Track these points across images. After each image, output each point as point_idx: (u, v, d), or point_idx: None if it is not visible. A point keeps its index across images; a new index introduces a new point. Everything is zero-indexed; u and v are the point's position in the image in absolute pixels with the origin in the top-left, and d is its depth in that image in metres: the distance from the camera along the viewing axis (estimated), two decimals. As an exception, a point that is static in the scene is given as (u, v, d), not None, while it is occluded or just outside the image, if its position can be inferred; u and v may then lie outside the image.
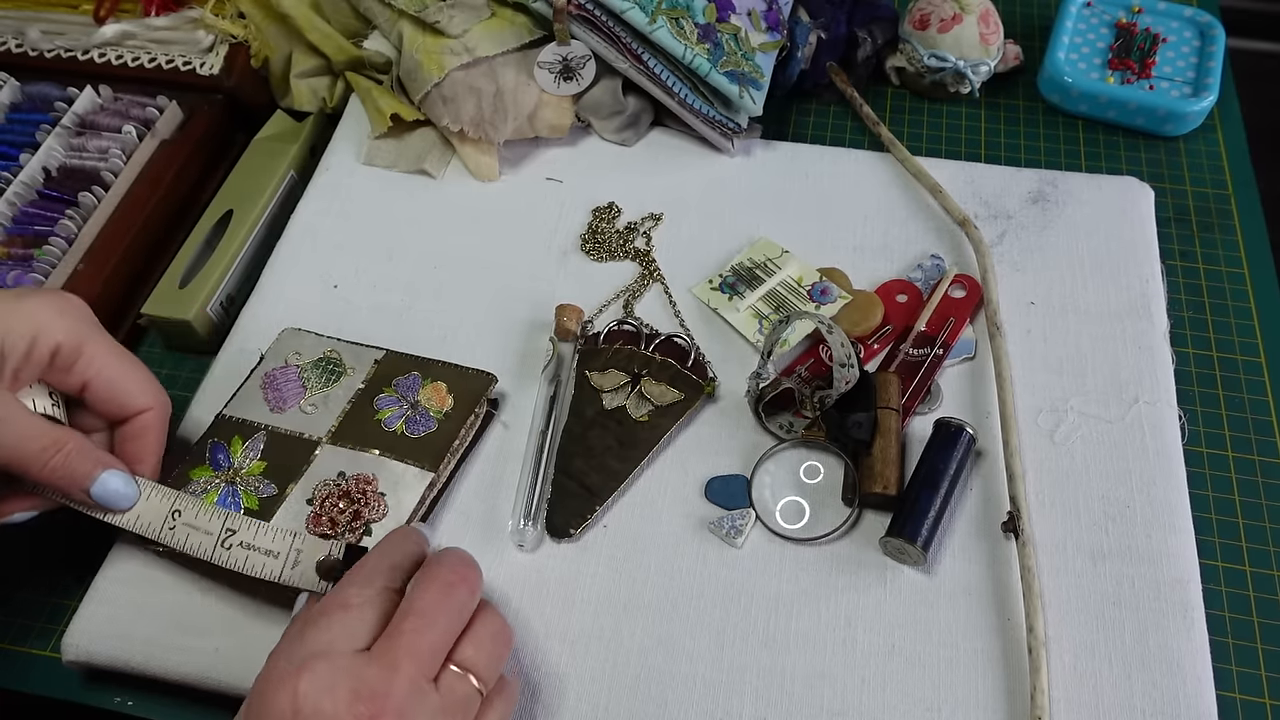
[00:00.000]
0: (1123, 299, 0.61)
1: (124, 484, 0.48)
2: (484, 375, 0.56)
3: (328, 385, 0.56)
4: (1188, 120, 0.70)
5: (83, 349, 0.47)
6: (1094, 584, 0.51)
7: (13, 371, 0.46)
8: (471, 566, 0.44)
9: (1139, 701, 0.47)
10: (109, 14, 0.72)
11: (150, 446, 0.50)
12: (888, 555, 0.52)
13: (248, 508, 0.51)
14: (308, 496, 0.52)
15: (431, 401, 0.55)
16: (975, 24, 0.71)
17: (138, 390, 0.49)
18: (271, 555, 0.48)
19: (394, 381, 0.56)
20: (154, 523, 0.49)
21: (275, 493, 0.52)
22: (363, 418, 0.54)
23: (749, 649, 0.49)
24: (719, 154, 0.69)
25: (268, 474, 0.53)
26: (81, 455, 0.46)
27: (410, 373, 0.56)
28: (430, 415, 0.54)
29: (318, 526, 0.51)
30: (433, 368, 0.57)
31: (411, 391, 0.55)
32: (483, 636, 0.43)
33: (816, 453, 0.56)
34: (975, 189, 0.67)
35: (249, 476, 0.53)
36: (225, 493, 0.52)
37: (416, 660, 0.40)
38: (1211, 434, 0.58)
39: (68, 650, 0.50)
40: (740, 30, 0.68)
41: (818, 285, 0.61)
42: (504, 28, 0.67)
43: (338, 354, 0.58)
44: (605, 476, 0.54)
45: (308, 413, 0.55)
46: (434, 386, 0.56)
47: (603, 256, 0.64)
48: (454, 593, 0.42)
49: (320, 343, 0.58)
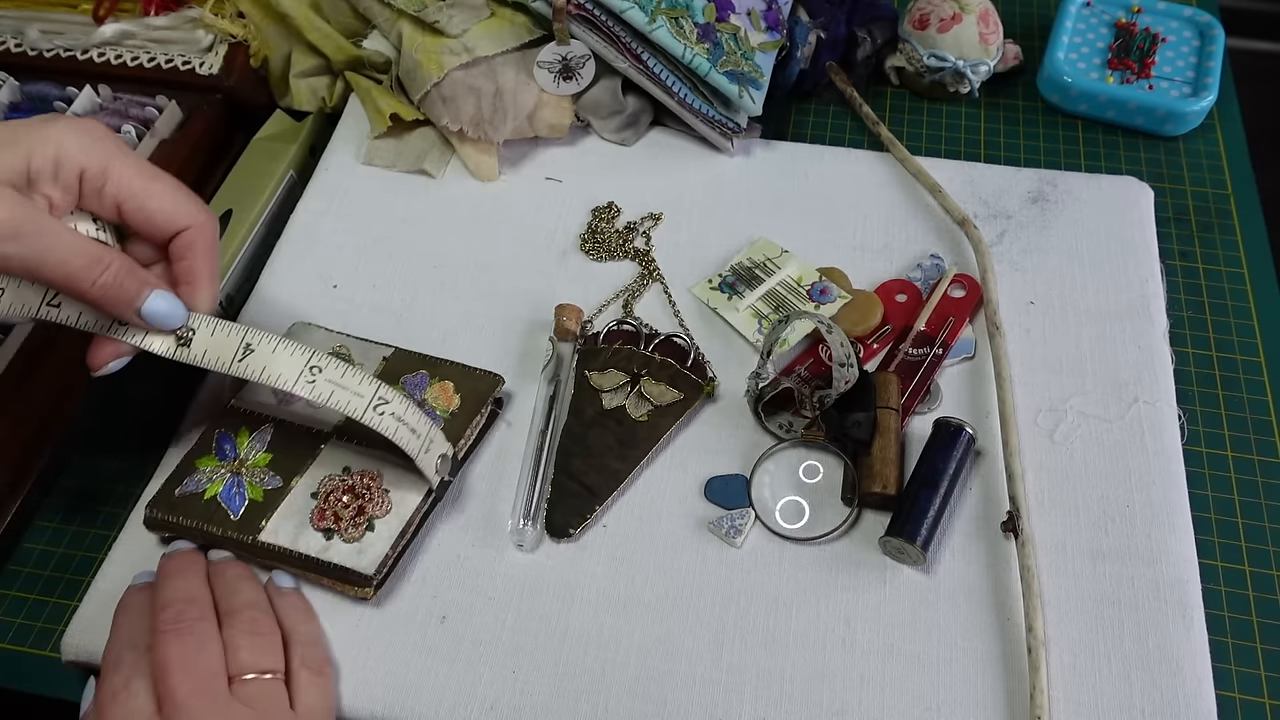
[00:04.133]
0: (1122, 299, 0.61)
1: (170, 304, 0.47)
2: (491, 376, 0.56)
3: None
4: (1187, 120, 0.70)
5: (109, 170, 0.46)
6: (1093, 584, 0.51)
7: (46, 197, 0.45)
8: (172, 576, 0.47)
9: (1138, 701, 0.47)
10: (108, 14, 0.72)
11: (197, 265, 0.48)
12: (887, 555, 0.52)
13: (252, 499, 0.51)
14: (312, 490, 0.52)
15: (439, 400, 0.55)
16: (975, 24, 0.71)
17: (172, 207, 0.48)
18: (414, 434, 0.49)
19: (401, 379, 0.56)
20: (223, 357, 0.48)
21: (280, 485, 0.52)
22: None
23: (748, 648, 0.49)
24: (719, 154, 0.69)
25: (273, 466, 0.53)
26: (129, 274, 0.46)
27: (418, 371, 0.56)
28: (437, 414, 0.54)
29: (321, 521, 0.51)
30: (441, 367, 0.57)
31: (419, 390, 0.55)
32: (239, 633, 0.45)
33: (816, 452, 0.56)
34: (975, 189, 0.67)
35: (254, 468, 0.53)
36: (230, 483, 0.52)
37: (204, 697, 0.42)
38: (1211, 434, 0.58)
39: (67, 650, 0.50)
40: (740, 30, 0.68)
41: (817, 285, 0.61)
42: (503, 27, 0.67)
43: (346, 349, 0.58)
44: (605, 476, 0.54)
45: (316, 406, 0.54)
46: (441, 386, 0.56)
47: (602, 256, 0.64)
48: (181, 623, 0.45)
49: (329, 338, 0.58)
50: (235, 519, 0.51)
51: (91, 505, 0.57)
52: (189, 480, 0.53)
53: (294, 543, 0.50)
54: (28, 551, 0.56)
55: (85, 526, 0.56)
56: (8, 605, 0.54)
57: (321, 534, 0.50)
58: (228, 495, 0.52)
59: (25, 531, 0.56)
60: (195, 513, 0.51)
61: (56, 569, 0.55)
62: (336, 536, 0.50)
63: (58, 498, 0.57)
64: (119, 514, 0.56)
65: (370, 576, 0.49)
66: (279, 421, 0.54)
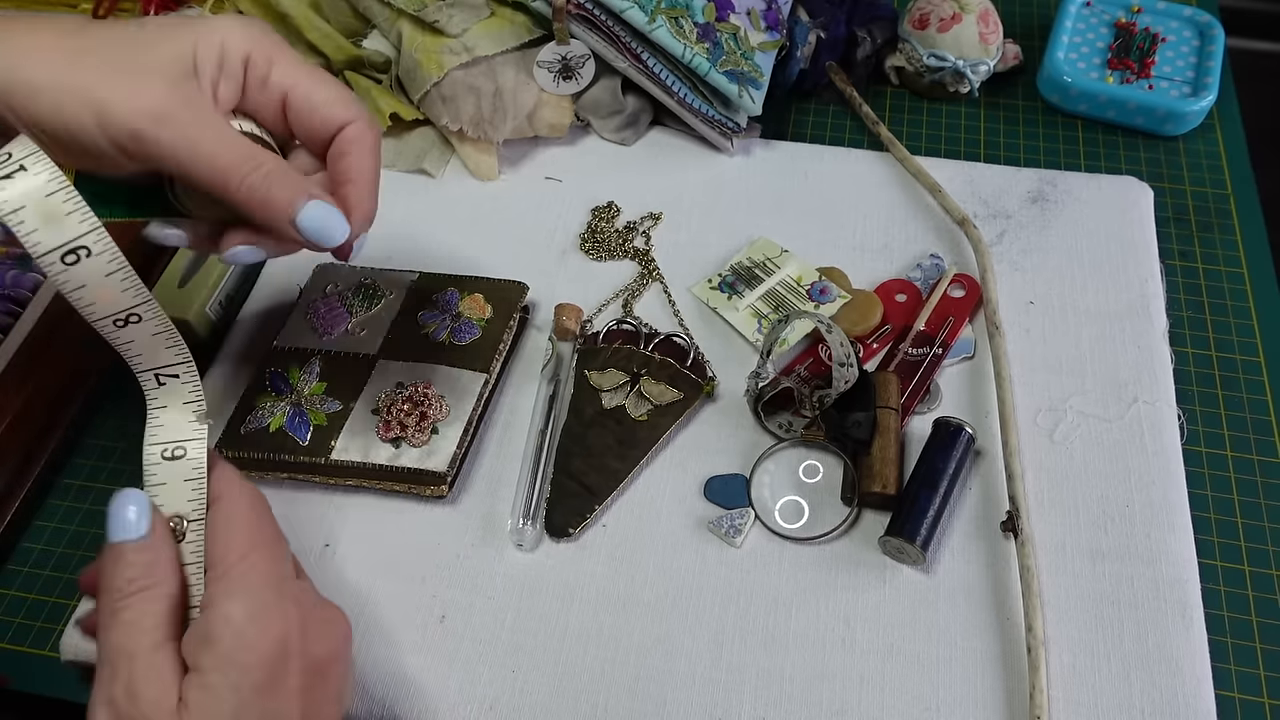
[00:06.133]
0: (1122, 299, 0.61)
1: (330, 214, 0.44)
2: (516, 285, 0.60)
3: (370, 308, 0.59)
4: (1187, 120, 0.70)
5: (274, 58, 0.45)
6: (1093, 583, 0.51)
7: (210, 86, 0.43)
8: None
9: (1138, 701, 0.47)
10: (108, 14, 0.72)
11: (360, 163, 0.46)
12: (887, 555, 0.52)
13: (316, 425, 0.54)
14: (372, 407, 0.55)
15: (472, 311, 0.58)
16: (974, 23, 0.71)
17: (337, 98, 0.46)
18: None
19: (433, 297, 0.59)
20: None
21: (340, 408, 0.55)
22: (410, 333, 0.58)
23: (748, 648, 0.49)
24: (718, 153, 0.69)
25: (330, 392, 0.56)
26: (282, 177, 0.43)
27: (448, 289, 0.60)
28: (473, 323, 0.58)
29: (388, 432, 0.53)
30: (467, 282, 0.60)
31: (452, 304, 0.59)
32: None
33: (816, 452, 0.56)
34: (974, 188, 0.67)
35: (312, 397, 0.56)
36: (292, 414, 0.55)
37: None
38: (1210, 434, 0.58)
39: (66, 650, 0.50)
40: (740, 29, 0.68)
41: (817, 284, 0.61)
42: (503, 27, 0.67)
43: (373, 280, 0.61)
44: (604, 476, 0.54)
45: (357, 334, 0.58)
46: (472, 298, 0.59)
47: (602, 256, 0.64)
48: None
49: (355, 272, 0.61)
50: (305, 444, 0.54)
51: (91, 505, 0.57)
52: (251, 418, 0.55)
53: (366, 456, 0.53)
54: (27, 551, 0.56)
55: (85, 526, 0.56)
56: (7, 604, 0.54)
57: (390, 444, 0.53)
58: (292, 425, 0.55)
59: (25, 531, 0.56)
60: (265, 445, 0.54)
61: (56, 568, 0.55)
62: (405, 444, 0.53)
63: (57, 498, 0.57)
64: (119, 513, 0.56)
65: (444, 474, 0.52)
66: (324, 353, 0.57)
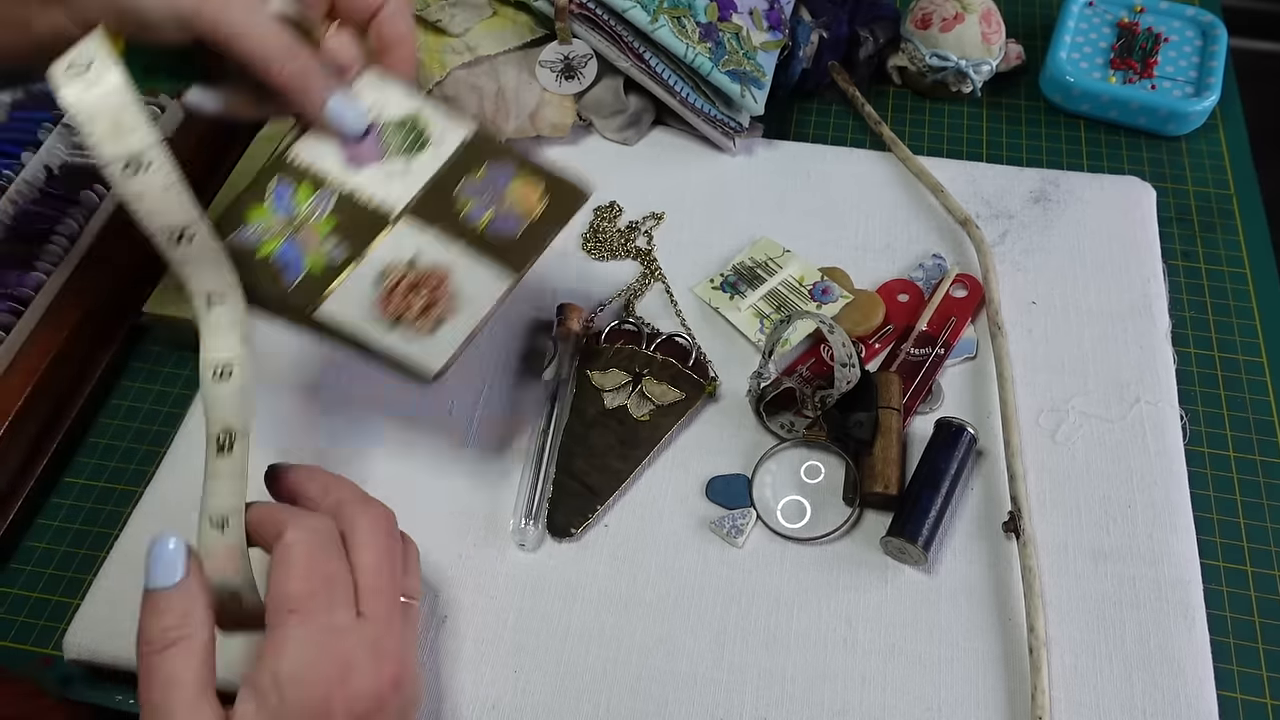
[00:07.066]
0: (1124, 299, 0.61)
1: (352, 107, 0.50)
2: (577, 189, 0.51)
3: (410, 152, 0.50)
4: (1190, 120, 0.70)
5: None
6: (1095, 584, 0.51)
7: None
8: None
9: (1140, 701, 0.47)
10: None
11: (398, 31, 0.51)
12: (889, 555, 0.52)
13: (311, 269, 0.47)
14: (380, 270, 0.48)
15: (520, 203, 0.50)
16: (977, 23, 0.71)
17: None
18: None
19: (485, 164, 0.51)
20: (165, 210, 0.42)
21: (344, 258, 0.48)
22: (443, 203, 0.49)
23: (750, 648, 0.49)
24: (721, 153, 0.69)
25: (337, 234, 0.48)
26: (316, 71, 0.48)
27: (504, 160, 0.51)
28: (516, 217, 0.50)
29: (387, 309, 0.47)
30: (528, 166, 0.51)
31: (500, 185, 0.50)
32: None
33: (818, 452, 0.56)
34: (977, 188, 0.66)
35: (315, 232, 0.48)
36: (287, 245, 0.47)
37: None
38: (1213, 434, 0.58)
39: (69, 649, 0.50)
40: (742, 29, 0.68)
41: (819, 284, 0.61)
42: (505, 26, 0.67)
43: (425, 119, 0.51)
44: (606, 476, 0.54)
45: (385, 178, 0.50)
46: (525, 186, 0.50)
47: (604, 256, 0.64)
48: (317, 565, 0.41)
49: (407, 101, 0.51)
50: (291, 287, 0.47)
51: (93, 504, 0.57)
52: (237, 234, 0.47)
53: (357, 327, 0.46)
54: (30, 550, 0.56)
55: (87, 525, 0.56)
56: (10, 604, 0.54)
57: (387, 323, 0.47)
58: (284, 259, 0.47)
59: (28, 530, 0.56)
60: (244, 268, 0.45)
61: (59, 567, 0.55)
62: (402, 327, 0.47)
63: (60, 496, 0.57)
64: (121, 512, 0.56)
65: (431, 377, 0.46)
66: (343, 191, 0.49)
